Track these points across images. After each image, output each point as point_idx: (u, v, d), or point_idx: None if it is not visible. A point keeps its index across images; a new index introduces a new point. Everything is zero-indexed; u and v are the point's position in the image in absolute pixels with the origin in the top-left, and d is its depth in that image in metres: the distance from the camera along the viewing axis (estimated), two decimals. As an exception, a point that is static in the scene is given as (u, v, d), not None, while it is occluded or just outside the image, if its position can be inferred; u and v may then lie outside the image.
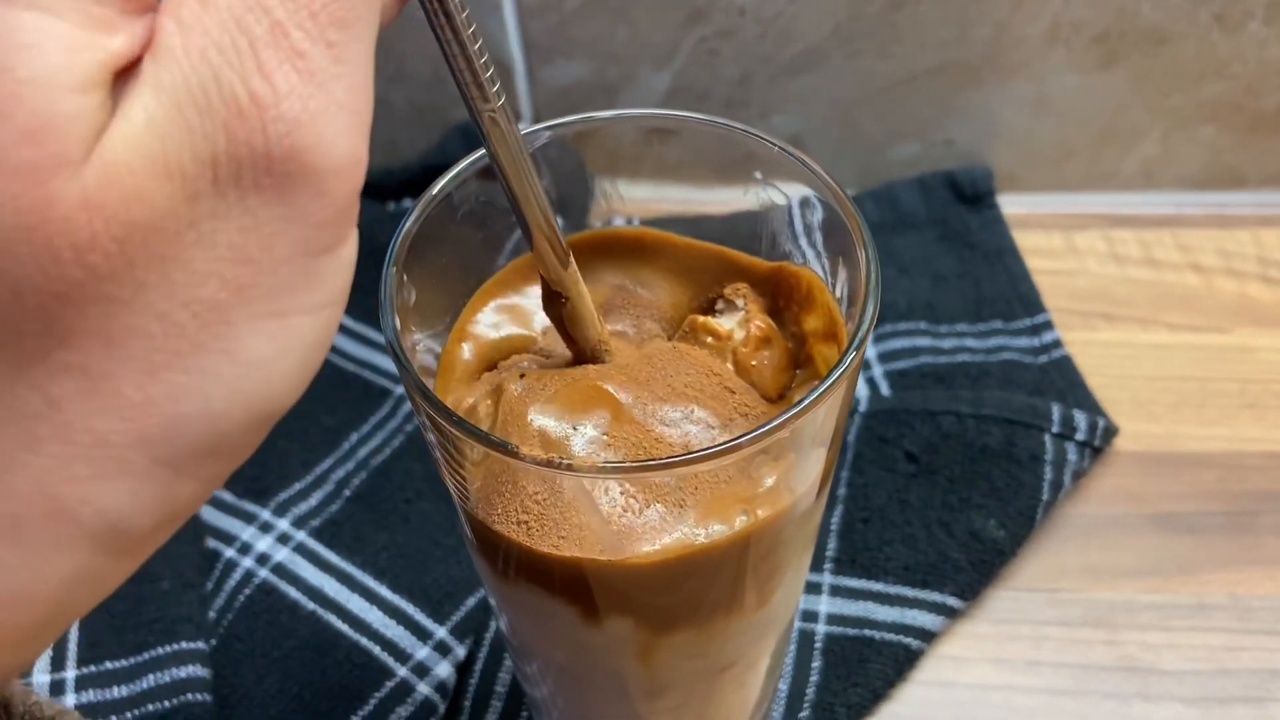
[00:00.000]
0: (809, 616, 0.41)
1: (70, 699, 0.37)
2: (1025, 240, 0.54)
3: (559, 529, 0.23)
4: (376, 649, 0.40)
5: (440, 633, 0.40)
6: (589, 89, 0.56)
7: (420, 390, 0.23)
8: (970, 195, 0.55)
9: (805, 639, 0.40)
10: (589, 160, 0.30)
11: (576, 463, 0.21)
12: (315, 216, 0.15)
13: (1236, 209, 0.56)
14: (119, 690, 0.38)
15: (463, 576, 0.42)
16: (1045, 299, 0.51)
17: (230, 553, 0.42)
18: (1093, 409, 0.46)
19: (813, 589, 0.41)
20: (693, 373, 0.26)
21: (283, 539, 0.43)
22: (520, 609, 0.28)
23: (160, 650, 0.38)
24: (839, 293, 0.27)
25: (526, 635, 0.30)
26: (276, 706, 0.38)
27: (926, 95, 0.55)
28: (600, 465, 0.23)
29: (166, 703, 0.37)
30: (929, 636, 0.40)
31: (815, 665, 0.39)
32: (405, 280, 0.25)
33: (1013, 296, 0.51)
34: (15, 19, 0.14)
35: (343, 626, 0.40)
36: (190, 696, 0.37)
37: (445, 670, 0.39)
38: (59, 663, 0.38)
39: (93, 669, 0.38)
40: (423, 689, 0.38)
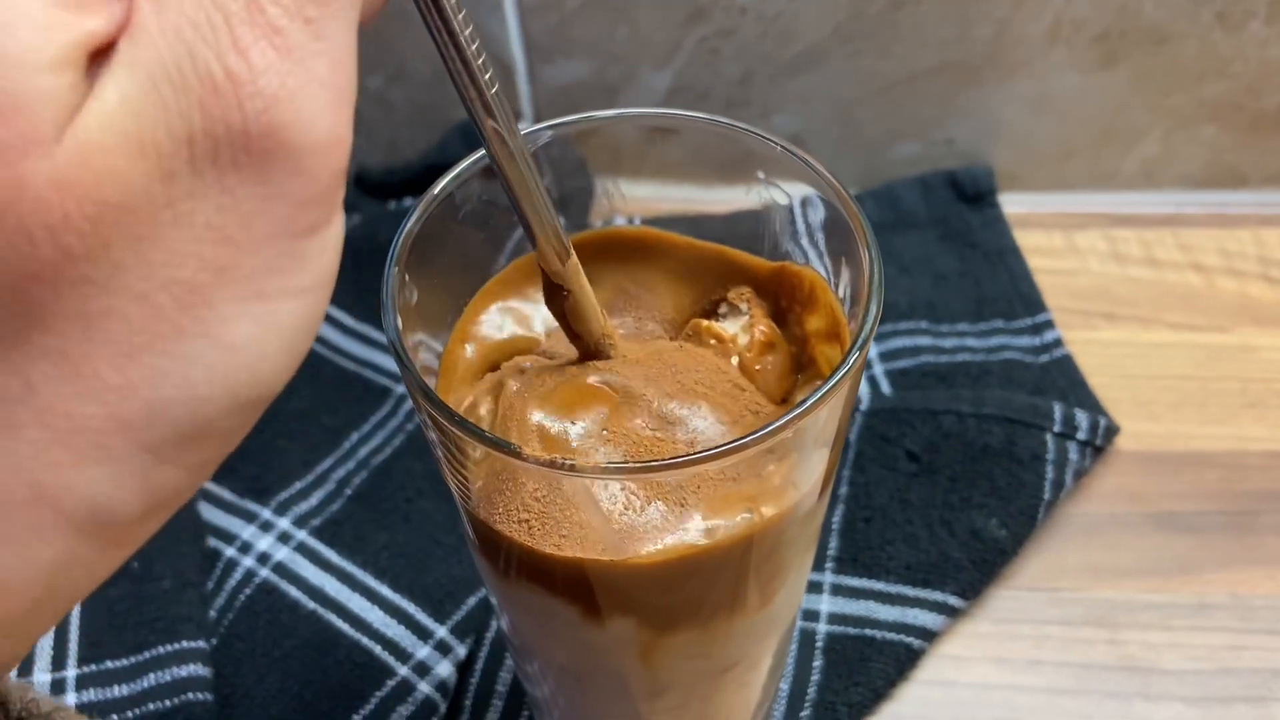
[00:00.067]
0: (810, 615, 0.41)
1: (71, 698, 0.37)
2: (1026, 239, 0.54)
3: (560, 528, 0.23)
4: (377, 648, 0.39)
5: (441, 632, 0.40)
6: (590, 88, 0.56)
7: (422, 390, 0.22)
8: (971, 194, 0.55)
9: (807, 638, 0.40)
10: (590, 160, 0.30)
11: (580, 463, 0.21)
12: (296, 195, 0.15)
13: (1237, 208, 0.56)
14: (120, 689, 0.38)
15: (463, 576, 0.42)
16: (1046, 298, 0.51)
17: (231, 552, 0.42)
18: (1094, 408, 0.46)
19: (814, 588, 0.41)
20: (703, 370, 0.26)
21: (283, 538, 0.43)
22: (522, 608, 0.28)
23: (161, 649, 0.38)
24: (841, 293, 0.27)
25: (528, 635, 0.30)
26: (277, 706, 0.38)
27: (927, 94, 0.55)
28: (603, 466, 0.23)
29: (167, 702, 0.37)
30: (930, 636, 0.40)
31: (817, 664, 0.39)
32: (407, 280, 0.25)
33: (1014, 296, 0.51)
34: None
35: (343, 626, 0.40)
36: (191, 695, 0.37)
37: (446, 669, 0.39)
38: (59, 662, 0.38)
39: (93, 668, 0.38)
40: (424, 688, 0.38)
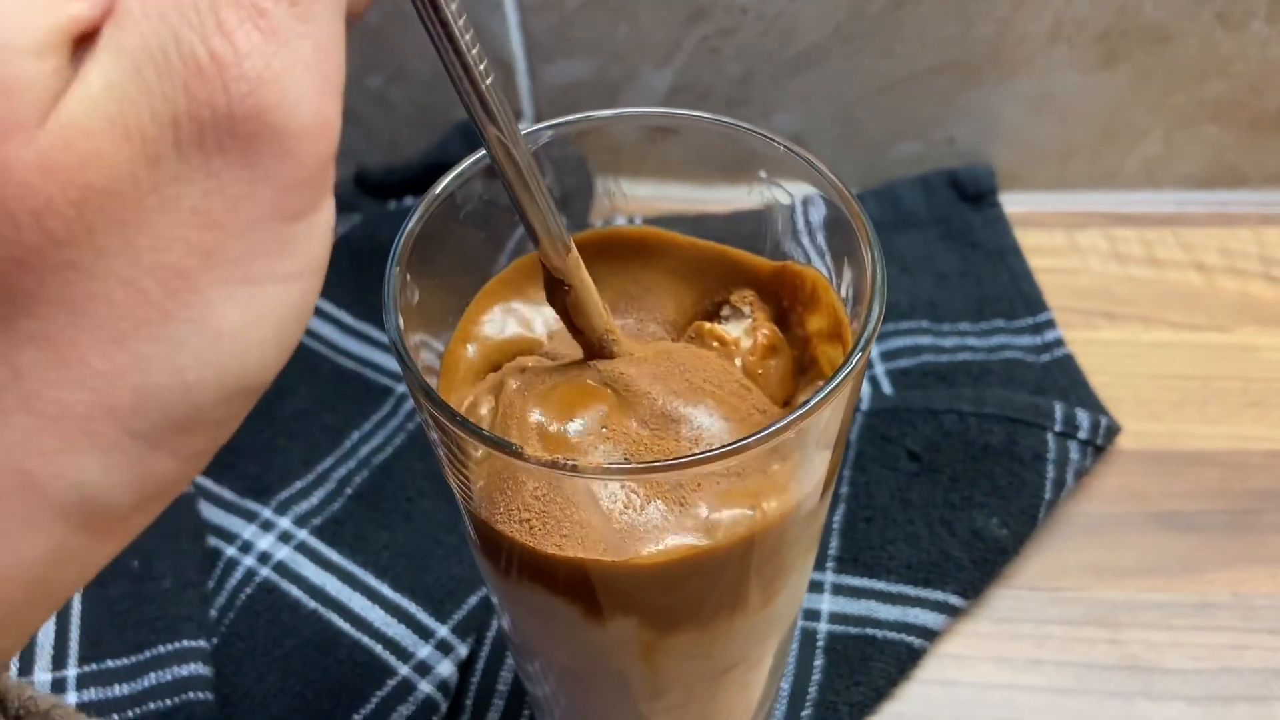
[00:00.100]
0: (811, 615, 0.41)
1: (72, 697, 0.37)
2: (1027, 239, 0.54)
3: (560, 527, 0.23)
4: (378, 648, 0.39)
5: (442, 631, 0.40)
6: (590, 88, 0.56)
7: (424, 390, 0.22)
8: (972, 194, 0.55)
9: (808, 637, 0.40)
10: (591, 159, 0.30)
11: (582, 464, 0.21)
12: (283, 179, 0.15)
13: (1239, 208, 0.56)
14: (120, 688, 0.38)
15: (464, 575, 0.42)
16: (1047, 297, 0.51)
17: (232, 551, 0.42)
18: (1095, 407, 0.46)
19: (815, 587, 0.41)
20: (710, 369, 0.26)
21: (284, 537, 0.43)
22: (523, 608, 0.28)
23: (162, 649, 0.38)
24: (844, 292, 0.27)
25: (529, 634, 0.30)
26: (278, 705, 0.38)
27: (928, 94, 0.55)
28: (605, 466, 0.23)
29: (168, 701, 0.37)
30: (931, 635, 0.40)
31: (818, 664, 0.39)
32: (409, 280, 0.25)
33: (1015, 295, 0.51)
34: None
35: (344, 625, 0.40)
36: (191, 695, 0.37)
37: (447, 669, 0.39)
38: (60, 661, 0.38)
39: (94, 667, 0.38)
40: (424, 688, 0.38)
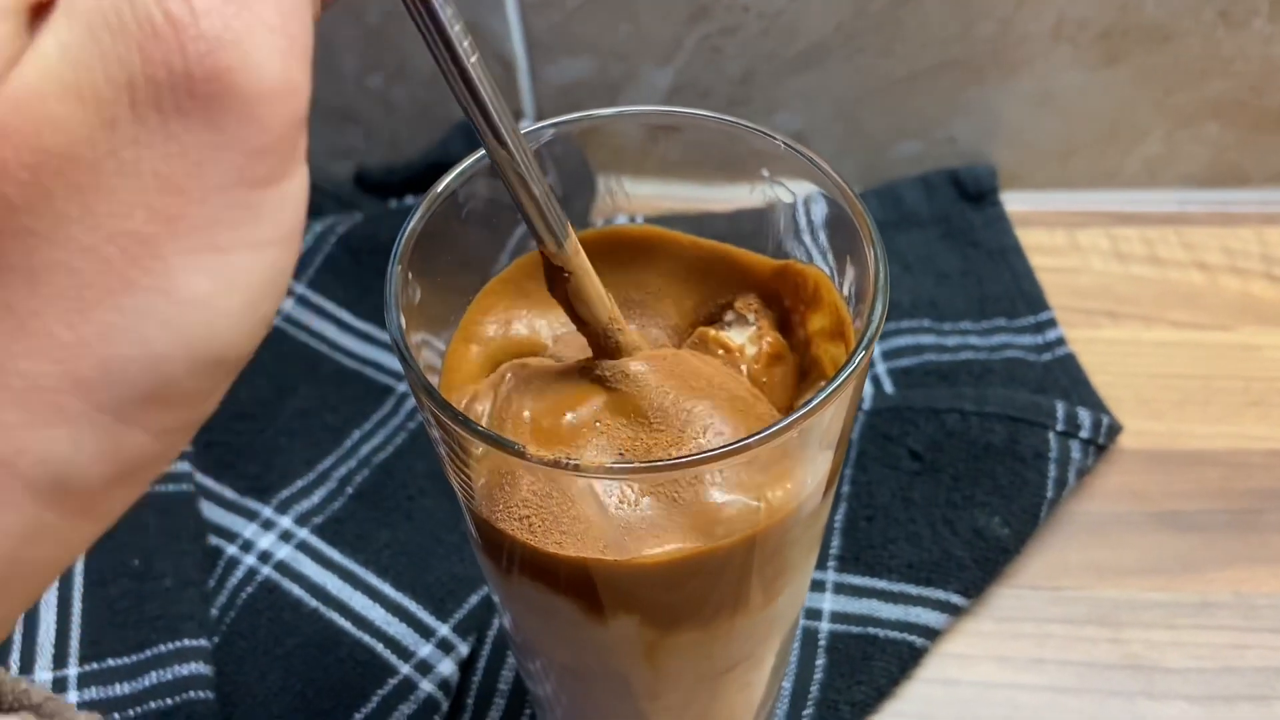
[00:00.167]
0: (813, 614, 0.41)
1: (73, 696, 0.37)
2: (1028, 238, 0.54)
3: (559, 524, 0.23)
4: (379, 646, 0.39)
5: (443, 630, 0.40)
6: (591, 86, 0.56)
7: (425, 389, 0.22)
8: (973, 193, 0.55)
9: (809, 637, 0.40)
10: (592, 158, 0.30)
11: (584, 463, 0.21)
12: (248, 144, 0.15)
13: (1240, 207, 0.56)
14: (121, 687, 0.38)
15: (465, 574, 0.42)
16: (1049, 297, 0.51)
17: (233, 550, 0.42)
18: (1097, 406, 0.46)
19: (817, 586, 0.41)
20: (715, 371, 0.26)
21: (285, 536, 0.43)
22: (524, 607, 0.28)
23: (162, 648, 0.38)
24: (846, 291, 0.27)
25: (530, 633, 0.30)
26: (279, 704, 0.38)
27: (930, 92, 0.55)
28: (607, 466, 0.23)
29: (169, 700, 0.37)
30: (933, 634, 0.40)
31: (819, 663, 0.39)
32: (410, 278, 0.25)
33: (1016, 294, 0.51)
34: None
35: (345, 624, 0.40)
36: (192, 694, 0.37)
37: (448, 668, 0.39)
38: (61, 660, 0.38)
39: (95, 666, 0.38)
40: (425, 686, 0.38)
